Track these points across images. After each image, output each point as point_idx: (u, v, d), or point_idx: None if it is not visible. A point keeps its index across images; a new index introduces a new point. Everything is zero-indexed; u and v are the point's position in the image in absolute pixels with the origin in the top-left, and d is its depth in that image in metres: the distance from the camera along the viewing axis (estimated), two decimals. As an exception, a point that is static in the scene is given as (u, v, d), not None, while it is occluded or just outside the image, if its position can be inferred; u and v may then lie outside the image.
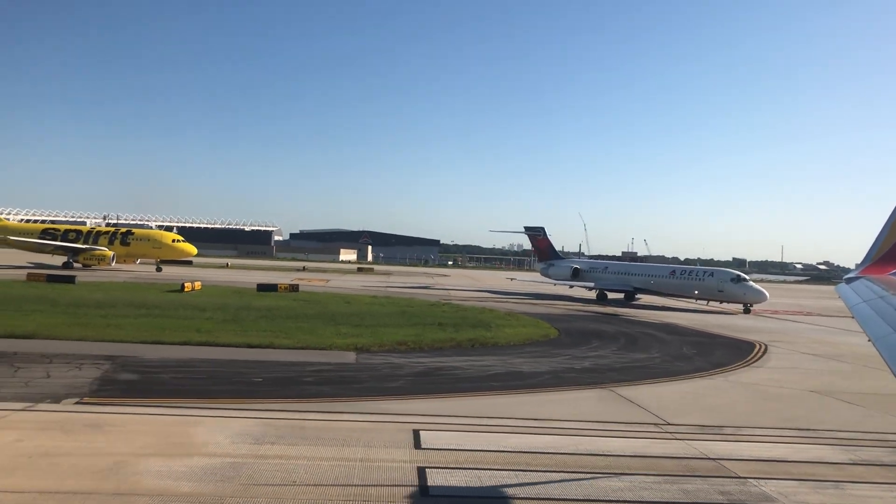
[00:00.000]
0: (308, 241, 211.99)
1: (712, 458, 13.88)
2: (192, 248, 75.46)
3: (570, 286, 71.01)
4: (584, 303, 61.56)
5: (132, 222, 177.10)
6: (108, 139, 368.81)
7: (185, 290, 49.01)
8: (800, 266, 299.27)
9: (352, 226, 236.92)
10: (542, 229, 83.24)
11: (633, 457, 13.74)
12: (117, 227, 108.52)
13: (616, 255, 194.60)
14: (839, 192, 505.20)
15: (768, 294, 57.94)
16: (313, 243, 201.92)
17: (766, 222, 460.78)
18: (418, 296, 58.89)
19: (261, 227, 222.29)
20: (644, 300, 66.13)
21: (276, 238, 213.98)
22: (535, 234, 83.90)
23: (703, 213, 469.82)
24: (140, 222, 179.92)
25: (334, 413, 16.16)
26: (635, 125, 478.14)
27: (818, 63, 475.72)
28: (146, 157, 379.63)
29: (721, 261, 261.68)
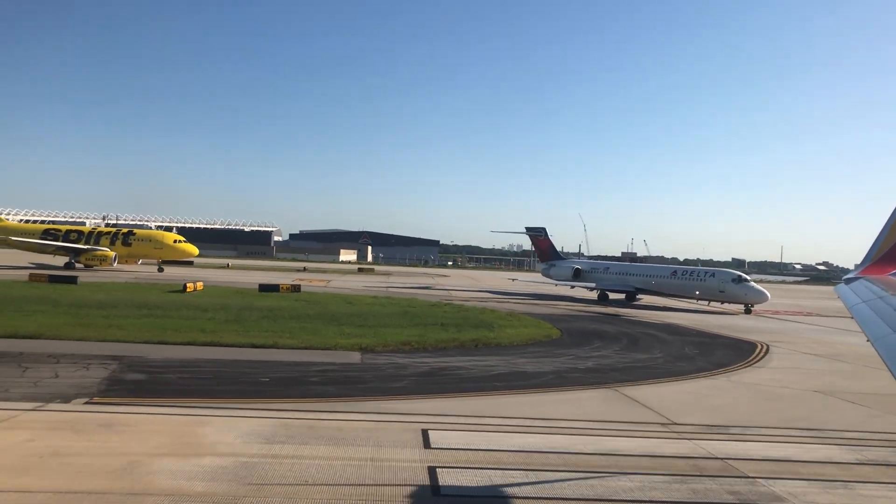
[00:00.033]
0: (308, 242, 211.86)
1: (720, 457, 13.94)
2: (194, 249, 75.29)
3: (572, 287, 71.10)
4: (585, 303, 61.64)
5: (131, 223, 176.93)
6: (107, 139, 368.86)
7: (188, 290, 49.08)
8: (799, 266, 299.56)
9: (351, 226, 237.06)
10: (544, 230, 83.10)
11: (641, 456, 13.80)
12: (117, 227, 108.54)
13: (615, 256, 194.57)
14: (838, 193, 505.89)
15: (769, 294, 58.00)
16: (313, 244, 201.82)
17: (766, 223, 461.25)
18: (419, 296, 58.94)
19: (260, 228, 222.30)
20: (645, 300, 66.17)
21: (276, 238, 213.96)
22: (537, 234, 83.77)
23: (703, 213, 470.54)
24: (139, 223, 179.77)
25: (342, 413, 16.21)
26: (635, 126, 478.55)
27: (818, 64, 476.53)
28: (145, 157, 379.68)
29: (720, 261, 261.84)
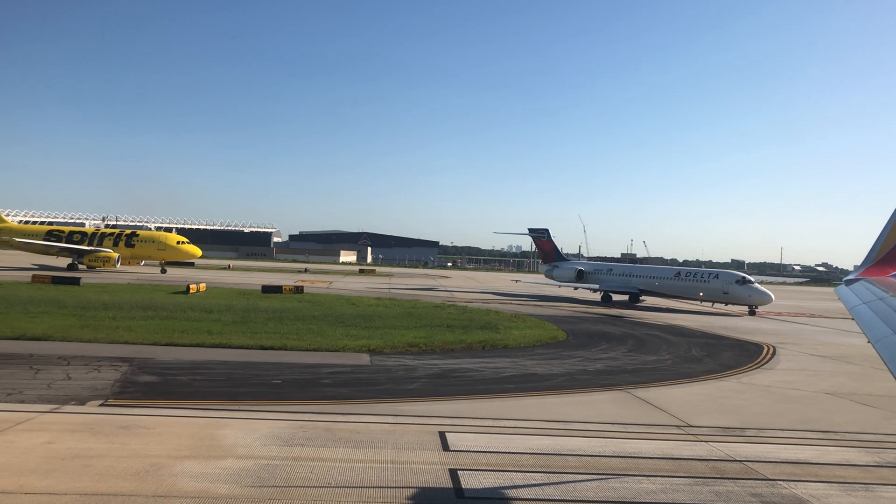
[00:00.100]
0: (307, 243, 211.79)
1: (738, 459, 13.93)
2: (197, 250, 75.20)
3: (575, 288, 71.09)
4: (587, 304, 61.65)
5: (131, 224, 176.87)
6: (106, 140, 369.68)
7: (191, 291, 49.07)
8: (798, 268, 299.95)
9: (350, 227, 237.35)
10: (547, 231, 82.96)
11: (659, 459, 13.79)
12: (117, 227, 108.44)
13: (615, 257, 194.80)
14: (838, 194, 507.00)
15: (773, 296, 57.98)
16: (313, 245, 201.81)
17: (765, 224, 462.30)
18: (422, 297, 58.89)
19: (260, 229, 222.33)
20: (647, 302, 66.23)
21: (276, 240, 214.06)
22: (540, 235, 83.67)
23: (703, 214, 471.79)
24: (139, 224, 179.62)
25: (358, 415, 16.17)
26: (634, 127, 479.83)
27: (817, 64, 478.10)
28: (145, 158, 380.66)
29: (719, 262, 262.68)
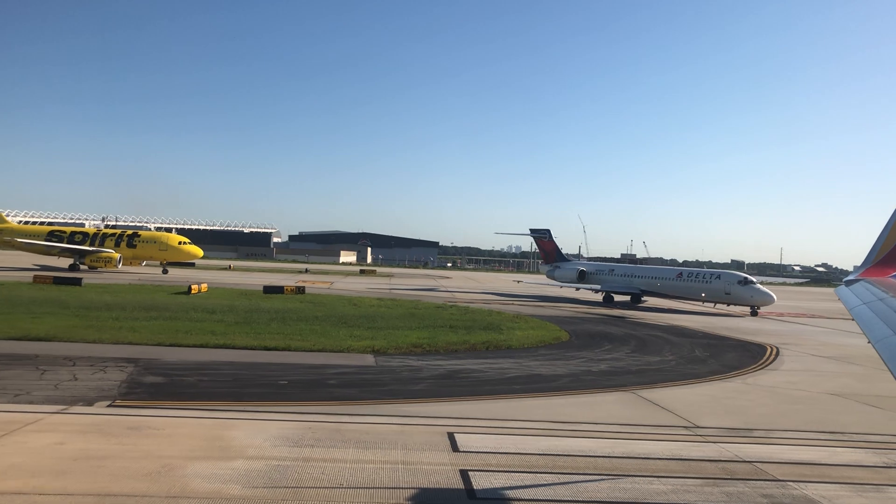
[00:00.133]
0: (307, 244, 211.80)
1: (748, 460, 13.93)
2: (199, 251, 75.15)
3: (577, 289, 71.09)
4: (589, 305, 61.67)
5: (130, 224, 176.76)
6: (106, 140, 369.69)
7: (192, 292, 49.03)
8: (798, 268, 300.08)
9: (350, 227, 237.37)
10: (548, 231, 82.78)
11: (669, 459, 13.79)
12: (116, 227, 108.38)
13: (614, 257, 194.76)
14: (838, 194, 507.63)
15: (776, 296, 58.00)
16: (312, 245, 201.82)
17: (765, 224, 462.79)
18: (423, 298, 58.92)
19: (260, 230, 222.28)
20: (648, 302, 66.27)
21: (275, 240, 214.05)
22: (541, 236, 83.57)
23: (702, 215, 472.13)
24: (139, 224, 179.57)
25: (365, 416, 16.16)
26: (634, 127, 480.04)
27: (817, 64, 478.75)
28: (144, 158, 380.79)
29: (719, 263, 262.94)
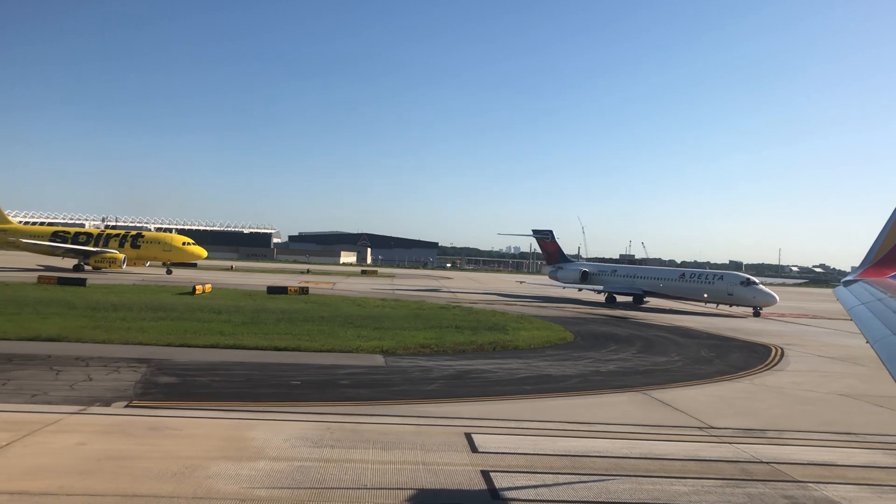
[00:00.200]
0: (307, 244, 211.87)
1: (765, 461, 13.97)
2: (202, 251, 75.21)
3: (580, 290, 71.16)
4: (591, 305, 61.76)
5: (130, 224, 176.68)
6: (106, 140, 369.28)
7: (197, 292, 49.04)
8: (796, 269, 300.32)
9: (349, 228, 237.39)
10: (551, 232, 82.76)
11: (687, 460, 13.83)
12: (116, 228, 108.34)
13: (613, 258, 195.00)
14: (837, 194, 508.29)
15: (778, 297, 58.10)
16: (312, 246, 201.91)
17: (764, 224, 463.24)
18: (427, 298, 58.99)
19: (260, 230, 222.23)
20: (650, 303, 66.37)
21: (275, 241, 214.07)
22: (543, 237, 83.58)
23: (701, 215, 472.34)
24: (139, 224, 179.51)
25: (382, 416, 16.19)
26: (633, 127, 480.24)
27: (817, 64, 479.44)
28: (144, 158, 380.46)
29: (718, 263, 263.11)
